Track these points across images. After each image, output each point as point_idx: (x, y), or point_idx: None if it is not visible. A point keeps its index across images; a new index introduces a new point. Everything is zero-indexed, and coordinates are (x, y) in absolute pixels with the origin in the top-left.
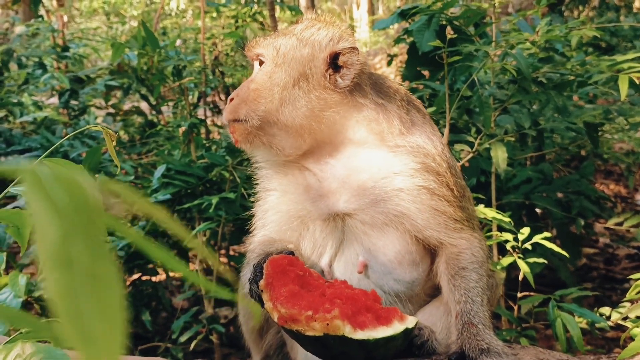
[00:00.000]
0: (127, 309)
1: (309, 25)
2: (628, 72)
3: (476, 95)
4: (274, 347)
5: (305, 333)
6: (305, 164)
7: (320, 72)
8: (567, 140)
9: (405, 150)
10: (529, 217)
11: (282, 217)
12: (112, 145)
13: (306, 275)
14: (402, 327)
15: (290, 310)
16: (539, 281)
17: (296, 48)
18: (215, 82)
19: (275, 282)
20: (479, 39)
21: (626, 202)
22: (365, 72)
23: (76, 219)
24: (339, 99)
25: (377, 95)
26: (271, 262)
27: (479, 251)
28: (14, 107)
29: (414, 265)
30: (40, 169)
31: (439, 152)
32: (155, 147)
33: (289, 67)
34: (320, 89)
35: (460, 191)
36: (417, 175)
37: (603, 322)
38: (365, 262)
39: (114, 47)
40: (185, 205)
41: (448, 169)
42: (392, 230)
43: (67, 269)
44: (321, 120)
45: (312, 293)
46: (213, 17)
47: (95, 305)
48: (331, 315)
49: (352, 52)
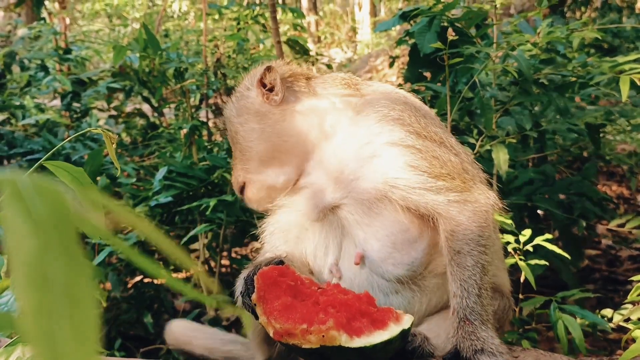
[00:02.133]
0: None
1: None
2: (629, 74)
3: (477, 97)
4: (283, 351)
5: (302, 346)
6: (300, 184)
7: (259, 101)
8: (568, 142)
9: (361, 118)
10: (530, 218)
11: (283, 227)
12: (113, 147)
13: (298, 284)
14: (398, 329)
15: (285, 325)
16: (541, 283)
17: (237, 102)
18: (217, 84)
19: (267, 295)
20: (480, 40)
21: (628, 204)
22: (302, 77)
23: (55, 234)
24: (281, 110)
25: (319, 91)
26: (261, 275)
27: (474, 221)
28: (16, 110)
29: (410, 244)
30: (22, 180)
31: (399, 107)
32: (157, 149)
33: (238, 123)
34: (265, 116)
35: (436, 138)
36: (380, 132)
37: (605, 324)
38: (361, 253)
39: (115, 50)
40: (185, 206)
41: (413, 117)
42: (379, 209)
43: (42, 285)
44: (282, 136)
45: (306, 303)
46: (215, 20)
47: (69, 326)
48: (326, 326)
49: (269, 71)
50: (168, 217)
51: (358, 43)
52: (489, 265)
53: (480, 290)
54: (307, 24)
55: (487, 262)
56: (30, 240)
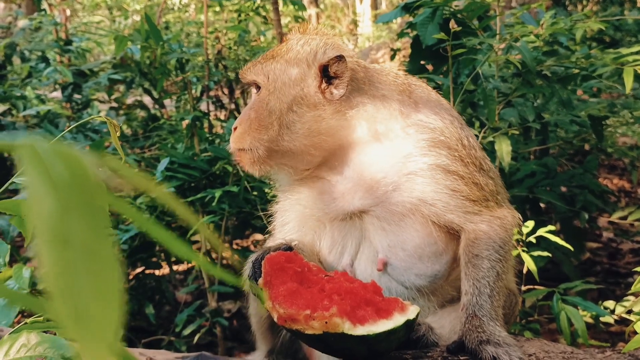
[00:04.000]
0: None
1: (294, 43)
2: (633, 65)
3: (480, 89)
4: (286, 342)
5: (305, 332)
6: (319, 174)
7: (314, 89)
8: (571, 134)
9: (412, 131)
10: (532, 211)
11: (298, 217)
12: (117, 135)
13: (305, 270)
14: (402, 319)
15: (289, 310)
16: (543, 275)
17: (284, 72)
18: (218, 76)
19: (274, 280)
20: (482, 32)
21: (630, 197)
22: (360, 69)
23: (75, 195)
24: (335, 108)
25: (374, 89)
26: (268, 260)
27: (499, 233)
28: (17, 101)
29: (436, 257)
30: (39, 144)
31: (447, 125)
32: (159, 140)
33: (280, 94)
34: (314, 108)
35: (477, 163)
36: (427, 153)
37: (607, 315)
38: (384, 260)
39: (117, 40)
40: (188, 198)
41: (459, 140)
42: (411, 221)
43: (63, 245)
44: (323, 134)
45: (311, 290)
46: (216, 11)
47: (91, 284)
48: (329, 313)
49: (339, 61)
50: (170, 209)
51: (359, 36)
52: (505, 274)
53: (493, 291)
54: (308, 16)
55: (503, 270)
56: (50, 201)
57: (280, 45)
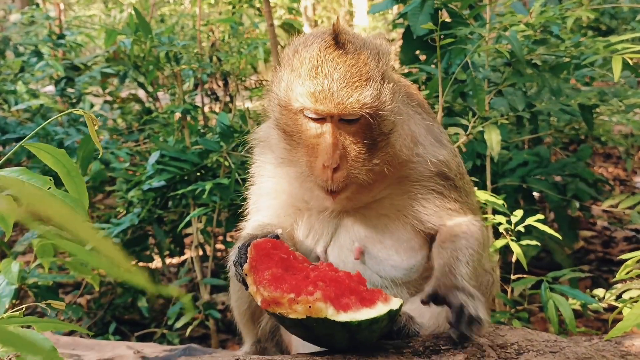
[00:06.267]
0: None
1: (362, 58)
2: (622, 53)
3: (469, 78)
4: (268, 332)
5: (288, 316)
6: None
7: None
8: (562, 123)
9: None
10: (525, 200)
11: (278, 203)
12: (94, 129)
13: (290, 258)
14: (386, 309)
15: (273, 293)
16: (536, 264)
17: (395, 88)
18: (211, 69)
19: (259, 265)
20: (473, 21)
21: (625, 185)
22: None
23: None
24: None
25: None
26: (255, 245)
27: (475, 226)
28: (8, 95)
29: (412, 252)
30: None
31: (453, 157)
32: (152, 134)
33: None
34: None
35: (467, 188)
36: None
37: (595, 303)
38: (361, 249)
39: (107, 33)
40: (179, 191)
41: (457, 167)
42: (392, 220)
43: None
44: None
45: (296, 276)
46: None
47: None
48: (313, 297)
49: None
50: (161, 202)
51: (355, 27)
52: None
53: (469, 261)
54: (304, 8)
55: (479, 253)
56: None
57: (354, 64)
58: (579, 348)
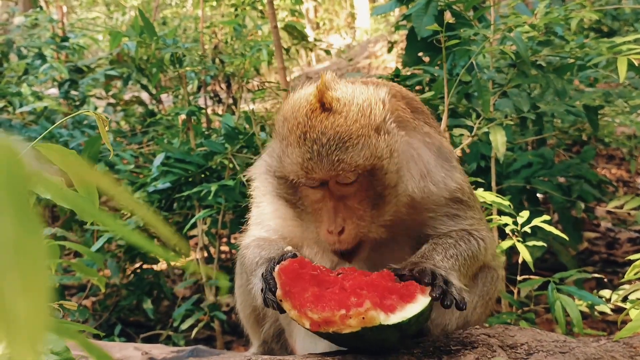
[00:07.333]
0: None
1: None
2: (627, 54)
3: (474, 80)
4: (272, 335)
5: (342, 332)
6: None
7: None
8: (567, 124)
9: (439, 186)
10: (529, 201)
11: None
12: (105, 130)
13: (319, 273)
14: (427, 300)
15: (323, 314)
16: (541, 265)
17: (394, 138)
18: (215, 71)
19: (293, 288)
20: (478, 22)
21: (628, 186)
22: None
23: (4, 192)
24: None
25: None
26: (283, 270)
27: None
28: (13, 98)
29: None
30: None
31: (463, 177)
32: (156, 136)
33: (396, 162)
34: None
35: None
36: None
37: (602, 304)
38: None
39: (111, 35)
40: (184, 193)
41: (469, 188)
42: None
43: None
44: None
45: (332, 290)
46: (213, 6)
47: (19, 282)
48: (364, 308)
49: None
50: (166, 204)
51: (357, 29)
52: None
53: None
54: (306, 10)
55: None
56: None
57: (342, 124)
58: (588, 349)
